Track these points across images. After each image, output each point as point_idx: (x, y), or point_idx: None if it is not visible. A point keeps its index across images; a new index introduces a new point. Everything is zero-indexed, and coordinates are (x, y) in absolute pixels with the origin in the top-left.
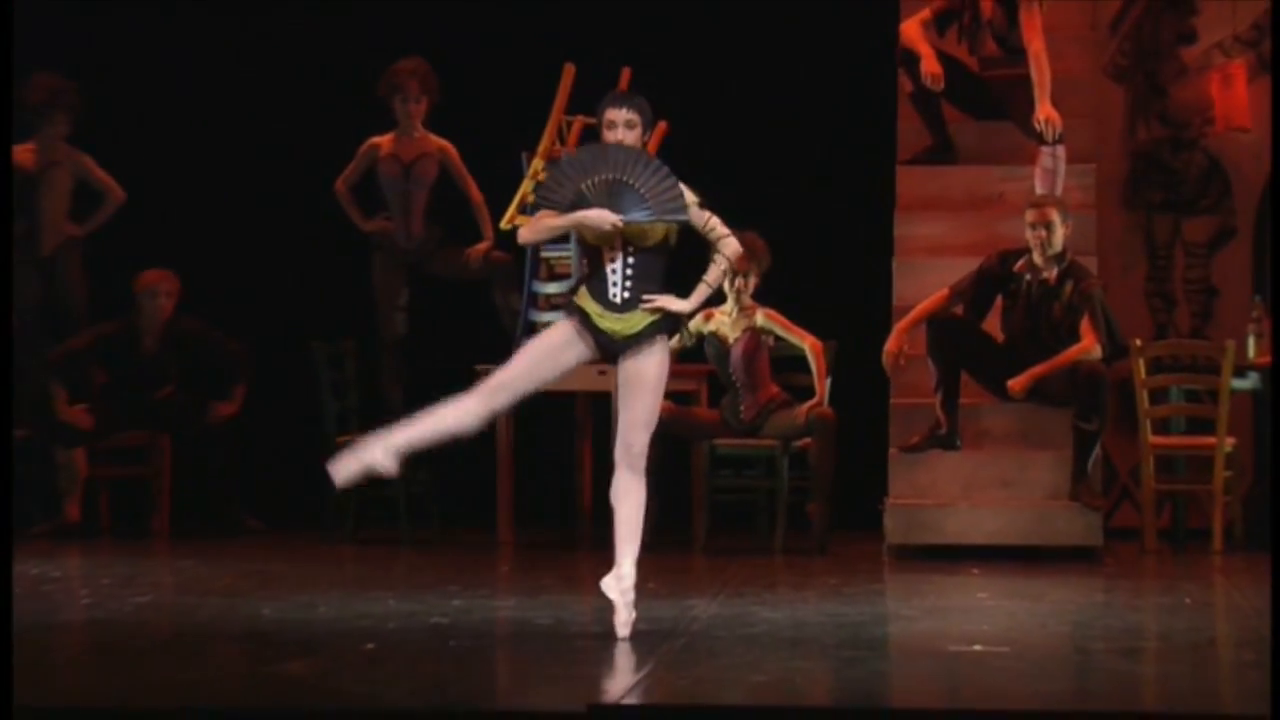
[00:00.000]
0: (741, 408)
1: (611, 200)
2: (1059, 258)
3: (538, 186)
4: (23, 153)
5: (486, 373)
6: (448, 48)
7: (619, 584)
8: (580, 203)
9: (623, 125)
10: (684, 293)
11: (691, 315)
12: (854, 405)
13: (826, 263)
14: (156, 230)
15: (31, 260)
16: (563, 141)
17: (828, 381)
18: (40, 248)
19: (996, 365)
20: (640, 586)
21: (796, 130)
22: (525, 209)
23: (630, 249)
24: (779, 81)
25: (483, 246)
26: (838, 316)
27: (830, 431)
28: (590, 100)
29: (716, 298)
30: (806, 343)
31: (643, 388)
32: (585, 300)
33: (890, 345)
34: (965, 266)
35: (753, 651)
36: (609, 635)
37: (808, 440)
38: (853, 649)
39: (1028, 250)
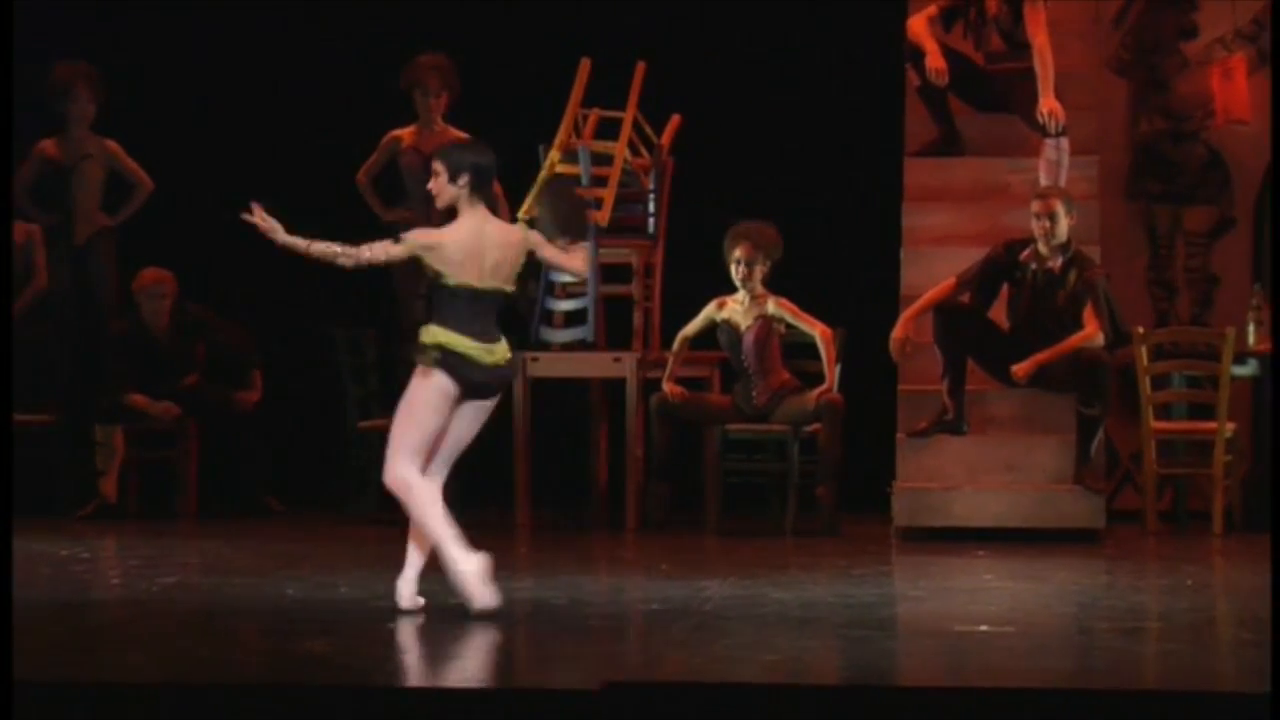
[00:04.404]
0: (753, 393)
1: None
2: (1063, 247)
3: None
4: (52, 145)
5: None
6: (467, 42)
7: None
8: None
9: (433, 174)
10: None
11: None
12: (863, 391)
13: (836, 252)
14: (181, 220)
15: (64, 249)
16: (578, 134)
17: (837, 368)
18: (73, 238)
19: (1002, 352)
20: (654, 567)
21: (807, 123)
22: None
23: (490, 292)
24: (790, 75)
25: None
26: (847, 305)
27: (839, 417)
28: (605, 94)
29: (728, 288)
30: (816, 330)
31: (468, 434)
32: (455, 340)
33: (897, 333)
34: (971, 256)
35: (763, 631)
36: (625, 615)
37: (818, 425)
38: (861, 628)
39: (1033, 240)
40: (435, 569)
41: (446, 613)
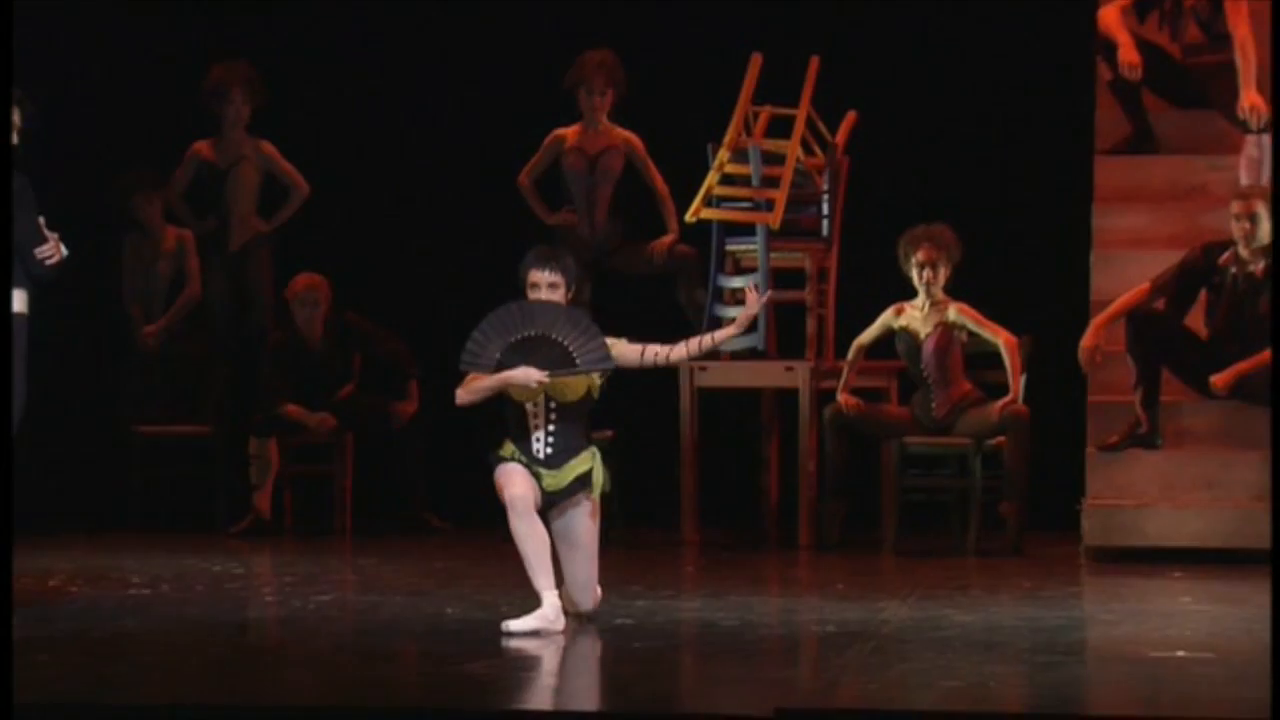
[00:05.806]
0: (933, 405)
1: (534, 357)
2: (1266, 250)
3: (462, 350)
4: (207, 148)
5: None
6: (633, 39)
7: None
8: (505, 363)
9: (546, 287)
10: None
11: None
12: (1049, 402)
13: (1022, 256)
14: (339, 225)
15: (220, 255)
16: (749, 132)
17: (1022, 378)
18: (229, 243)
19: (1199, 362)
20: (829, 588)
21: (991, 119)
22: (711, 201)
23: (553, 403)
24: (972, 69)
25: (667, 240)
26: (1033, 311)
27: (1025, 429)
28: (778, 90)
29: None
30: (1000, 338)
31: (578, 549)
32: (513, 454)
33: (1087, 341)
34: (1166, 260)
35: (944, 655)
36: (797, 638)
37: (1001, 438)
38: (1048, 653)
39: (1233, 243)
40: (606, 586)
41: (611, 634)
